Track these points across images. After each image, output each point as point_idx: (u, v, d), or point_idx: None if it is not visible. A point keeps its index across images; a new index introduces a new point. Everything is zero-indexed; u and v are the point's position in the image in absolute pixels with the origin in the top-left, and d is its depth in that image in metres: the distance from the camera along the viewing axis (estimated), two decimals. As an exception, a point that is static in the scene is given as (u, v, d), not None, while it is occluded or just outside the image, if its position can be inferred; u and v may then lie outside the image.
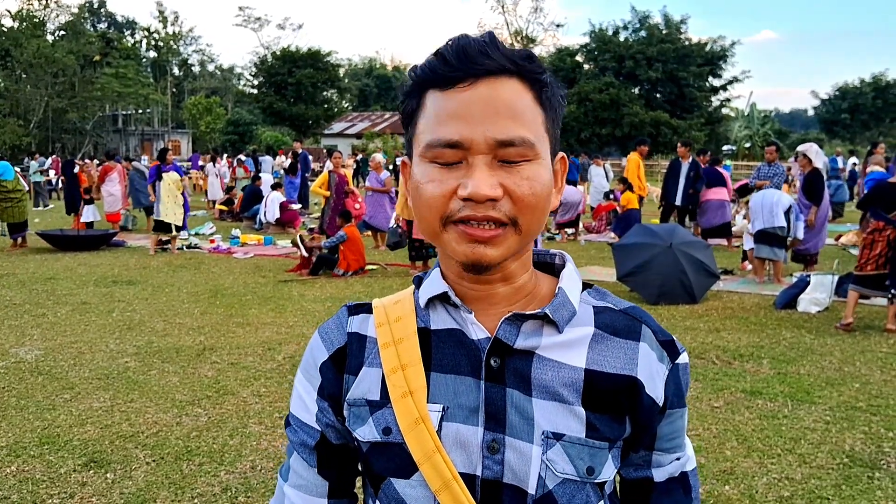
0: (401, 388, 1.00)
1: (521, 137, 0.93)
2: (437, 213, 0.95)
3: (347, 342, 1.07)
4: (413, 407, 0.98)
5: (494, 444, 0.97)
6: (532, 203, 0.94)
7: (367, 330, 1.07)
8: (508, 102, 0.93)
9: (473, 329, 1.01)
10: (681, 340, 6.71)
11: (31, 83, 54.02)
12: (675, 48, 50.71)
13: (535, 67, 0.96)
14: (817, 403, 5.44)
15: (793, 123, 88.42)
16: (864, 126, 60.99)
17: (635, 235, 9.75)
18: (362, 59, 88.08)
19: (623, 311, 1.07)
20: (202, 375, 6.13)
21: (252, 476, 4.24)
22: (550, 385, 0.99)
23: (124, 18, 75.33)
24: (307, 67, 54.50)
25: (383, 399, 1.01)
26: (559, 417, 0.98)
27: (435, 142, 0.93)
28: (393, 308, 1.08)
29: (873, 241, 7.57)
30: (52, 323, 8.03)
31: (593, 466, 0.99)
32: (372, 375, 1.04)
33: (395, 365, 1.01)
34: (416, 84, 0.98)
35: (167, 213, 13.14)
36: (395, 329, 1.05)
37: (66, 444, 4.73)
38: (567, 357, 1.00)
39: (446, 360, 1.01)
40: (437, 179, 0.94)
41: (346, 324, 1.09)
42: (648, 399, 1.02)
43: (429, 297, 1.04)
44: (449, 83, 0.94)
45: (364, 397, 1.03)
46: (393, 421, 1.00)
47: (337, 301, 9.12)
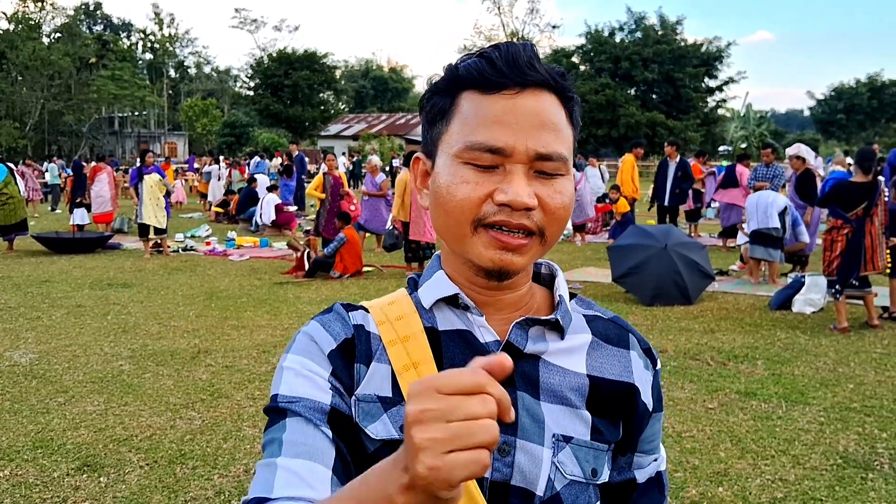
0: None
1: (558, 153, 0.95)
2: (469, 215, 0.95)
3: (354, 334, 1.03)
4: None
5: (505, 447, 0.98)
6: (561, 216, 0.97)
7: (369, 326, 1.04)
8: (550, 116, 0.96)
9: (482, 332, 1.01)
10: (675, 341, 6.76)
11: (27, 85, 53.95)
12: (670, 49, 50.79)
13: (569, 85, 0.99)
14: (811, 404, 5.45)
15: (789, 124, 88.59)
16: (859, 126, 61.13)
17: (630, 237, 9.76)
18: (359, 60, 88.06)
19: (611, 320, 1.11)
20: (196, 378, 6.12)
21: (246, 480, 4.24)
22: (558, 389, 1.01)
23: (120, 20, 75.25)
24: (303, 69, 54.47)
25: (396, 396, 0.99)
26: (567, 421, 1.01)
27: (476, 144, 0.94)
28: (390, 308, 1.06)
29: (832, 240, 7.61)
30: (46, 326, 8.02)
31: (597, 468, 1.02)
32: (382, 371, 1.01)
33: (407, 362, 1.00)
34: (453, 82, 0.98)
35: (149, 216, 13.12)
36: (398, 327, 1.03)
37: (59, 447, 4.72)
38: (569, 363, 1.03)
39: (458, 360, 1.00)
40: (473, 182, 0.94)
41: (348, 318, 1.05)
42: (642, 404, 1.07)
43: (437, 299, 1.04)
44: (494, 88, 0.95)
45: (376, 393, 1.00)
46: None
47: (332, 303, 9.10)
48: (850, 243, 7.50)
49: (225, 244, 14.65)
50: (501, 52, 0.95)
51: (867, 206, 7.50)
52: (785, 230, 10.05)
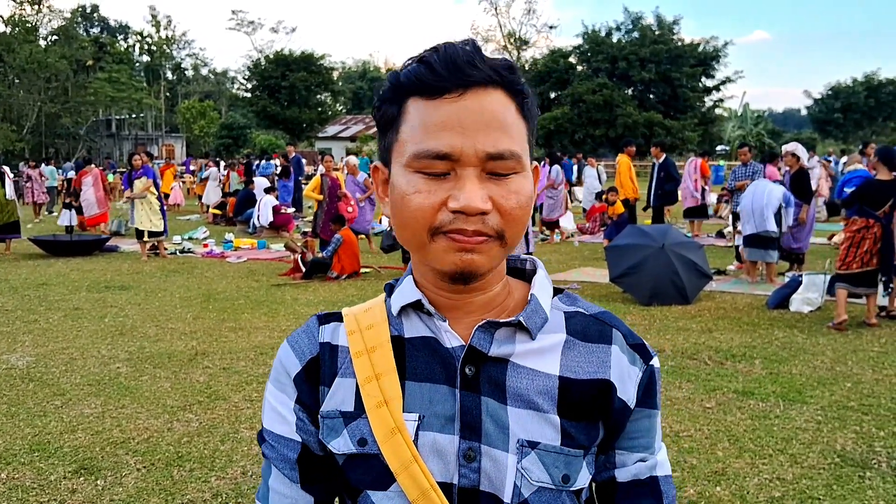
0: (375, 397, 0.98)
1: (510, 150, 0.93)
2: (424, 224, 0.93)
3: (319, 353, 1.04)
4: (389, 417, 0.97)
5: (470, 453, 0.96)
6: (518, 216, 0.94)
7: (339, 339, 1.05)
8: (497, 114, 0.93)
9: (447, 337, 1.00)
10: (673, 341, 6.74)
11: (24, 88, 53.88)
12: (667, 49, 50.80)
13: (516, 79, 0.96)
14: (809, 403, 5.45)
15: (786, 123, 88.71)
16: (856, 125, 61.18)
17: (628, 237, 9.76)
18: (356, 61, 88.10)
19: (593, 316, 1.07)
20: (194, 381, 6.12)
21: (243, 482, 4.23)
22: (525, 393, 0.98)
23: (117, 23, 75.24)
24: (301, 71, 54.44)
25: (357, 410, 0.99)
26: (534, 426, 0.98)
27: (424, 152, 0.92)
28: (364, 316, 1.06)
29: (862, 238, 7.60)
30: (43, 329, 8.01)
31: (569, 474, 0.99)
32: (346, 386, 1.01)
33: (370, 374, 0.99)
34: (398, 90, 0.96)
35: (141, 220, 13.09)
36: (367, 337, 1.02)
37: (56, 450, 4.71)
38: (540, 364, 1.00)
39: (420, 368, 0.99)
40: (425, 190, 0.93)
41: (317, 333, 1.06)
42: (619, 402, 1.02)
43: (402, 305, 1.02)
44: (436, 92, 0.92)
45: (338, 409, 1.01)
46: (368, 431, 0.98)
47: (330, 305, 9.11)
48: (883, 239, 7.53)
49: (222, 246, 14.64)
50: (440, 54, 0.93)
51: (893, 202, 7.52)
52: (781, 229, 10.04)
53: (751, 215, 10.03)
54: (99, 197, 17.09)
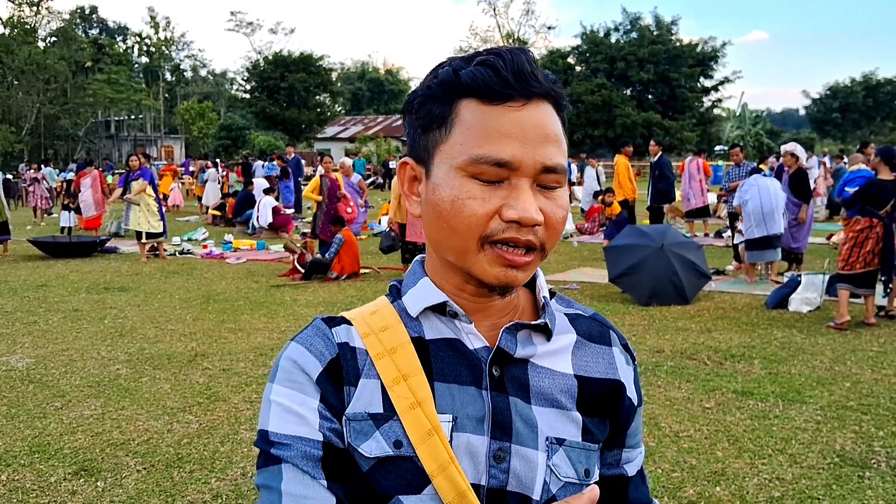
0: (407, 399, 0.97)
1: (561, 165, 0.95)
2: (476, 232, 0.93)
3: (340, 353, 1.00)
4: (424, 418, 0.96)
5: (500, 453, 0.97)
6: (560, 229, 0.98)
7: (354, 341, 1.01)
8: (553, 128, 0.95)
9: (470, 339, 1.00)
10: (672, 341, 6.76)
11: (23, 90, 53.86)
12: (666, 49, 50.82)
13: (562, 93, 0.98)
14: (808, 403, 5.45)
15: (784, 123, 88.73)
16: (855, 125, 61.26)
17: (627, 237, 9.77)
18: (355, 62, 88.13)
19: (591, 318, 1.11)
20: (194, 382, 6.12)
21: (243, 483, 4.23)
22: (548, 392, 1.01)
23: (116, 24, 75.28)
24: (300, 72, 54.43)
25: (388, 411, 0.97)
26: (559, 423, 1.01)
27: (483, 157, 0.92)
28: (373, 319, 1.04)
29: (866, 238, 7.61)
30: (43, 330, 8.01)
31: (589, 468, 1.03)
32: (371, 387, 0.98)
33: (396, 375, 0.98)
34: (452, 89, 0.95)
35: (139, 222, 13.07)
36: (384, 339, 1.01)
37: (56, 452, 4.72)
38: (556, 364, 1.03)
39: (447, 369, 0.99)
40: (480, 197, 0.92)
41: (331, 335, 1.02)
42: (628, 400, 1.08)
43: (424, 307, 1.02)
44: (499, 98, 0.93)
45: (366, 411, 0.97)
46: (403, 434, 0.96)
47: (329, 306, 9.12)
48: (886, 240, 7.55)
49: (222, 247, 14.65)
50: (506, 60, 0.93)
51: (895, 202, 7.54)
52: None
53: (761, 219, 9.94)
54: (97, 199, 17.06)
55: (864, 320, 7.82)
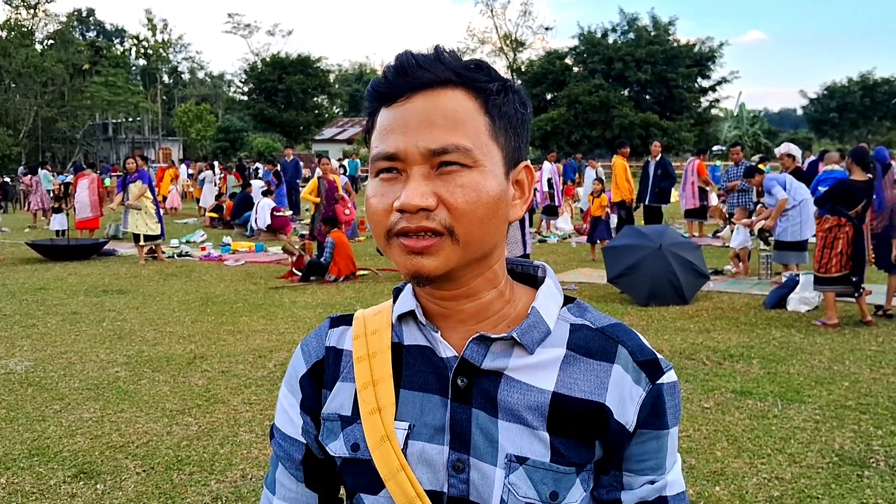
0: (370, 404, 1.00)
1: (454, 144, 0.91)
2: (381, 228, 0.94)
3: (324, 356, 1.07)
4: (380, 424, 0.99)
5: (459, 464, 0.96)
6: (468, 211, 0.91)
7: (345, 343, 1.07)
8: (445, 112, 0.92)
9: (442, 347, 0.99)
10: (671, 341, 6.73)
11: (21, 93, 53.81)
12: (663, 50, 50.88)
13: (479, 76, 0.95)
14: (807, 402, 5.46)
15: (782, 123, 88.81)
16: (852, 125, 61.32)
17: (625, 237, 9.78)
18: (352, 64, 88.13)
19: (600, 330, 1.02)
20: (193, 384, 6.12)
21: (243, 485, 4.23)
22: (515, 408, 0.97)
23: (113, 27, 75.24)
24: (297, 73, 54.49)
25: (354, 415, 1.02)
26: (523, 441, 0.96)
27: (376, 155, 0.95)
28: (372, 320, 1.07)
29: (835, 237, 7.63)
30: (42, 333, 8.00)
31: (557, 491, 0.96)
32: (346, 390, 1.04)
33: (367, 380, 1.01)
34: (370, 101, 0.99)
35: (137, 224, 13.06)
36: (370, 342, 1.04)
37: (55, 455, 4.72)
38: (536, 379, 0.98)
39: (415, 377, 1.00)
40: (380, 193, 0.94)
41: (325, 337, 1.09)
42: (617, 424, 0.98)
43: (399, 314, 1.04)
44: (392, 98, 0.95)
45: (337, 412, 1.04)
46: (361, 437, 1.00)
47: (328, 307, 9.11)
48: (856, 241, 7.55)
49: (220, 249, 14.64)
50: (394, 62, 0.96)
51: (866, 203, 7.56)
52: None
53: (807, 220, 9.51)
54: (93, 200, 17.02)
55: (862, 319, 7.83)
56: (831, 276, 7.66)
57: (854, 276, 7.63)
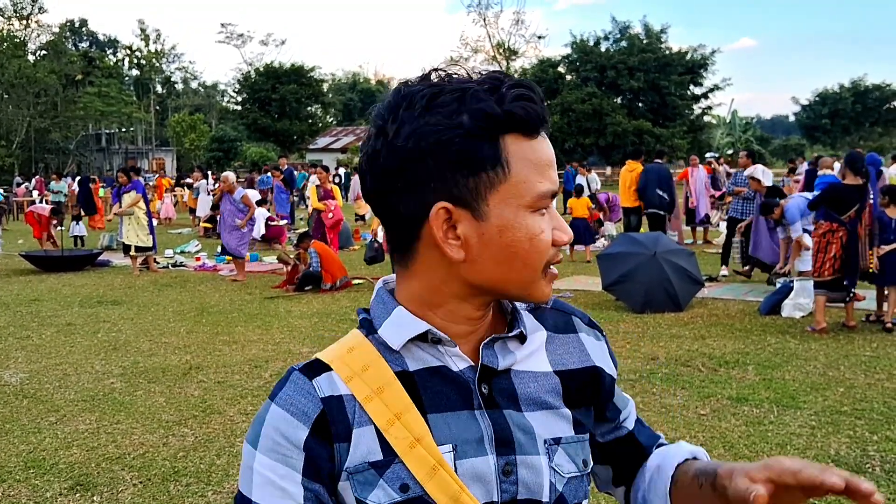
0: (405, 438, 0.94)
1: None
2: (543, 261, 0.96)
3: (324, 409, 0.94)
4: (426, 454, 0.94)
5: (508, 468, 0.97)
6: None
7: (339, 389, 0.96)
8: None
9: (454, 361, 0.99)
10: (667, 348, 6.76)
11: (13, 103, 53.79)
12: (656, 57, 51.05)
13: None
14: (802, 409, 5.47)
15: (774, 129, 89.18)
16: (844, 131, 61.54)
17: (620, 245, 9.81)
18: (346, 73, 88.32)
19: (553, 308, 1.11)
20: (189, 395, 6.11)
21: (240, 495, 4.22)
22: (536, 396, 1.02)
23: (106, 37, 75.18)
24: (291, 83, 54.46)
25: (388, 456, 0.94)
26: (552, 423, 1.03)
27: (545, 193, 0.94)
28: (351, 357, 0.99)
29: (828, 243, 7.66)
30: (36, 345, 7.98)
31: (586, 458, 1.06)
32: (367, 435, 0.95)
33: (390, 416, 0.94)
34: (496, 126, 0.91)
35: (128, 235, 13.05)
36: (367, 380, 0.97)
37: (51, 467, 4.70)
38: (537, 365, 1.04)
39: (436, 398, 0.97)
40: (546, 228, 0.95)
41: (313, 389, 0.95)
42: (609, 378, 1.12)
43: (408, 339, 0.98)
44: (535, 131, 0.94)
45: (366, 460, 0.94)
46: (408, 475, 0.93)
47: (323, 316, 9.11)
48: (849, 245, 7.58)
49: (215, 259, 14.61)
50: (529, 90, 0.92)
51: (859, 208, 7.59)
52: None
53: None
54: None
55: (845, 322, 7.88)
56: (825, 281, 7.69)
57: (845, 280, 7.66)
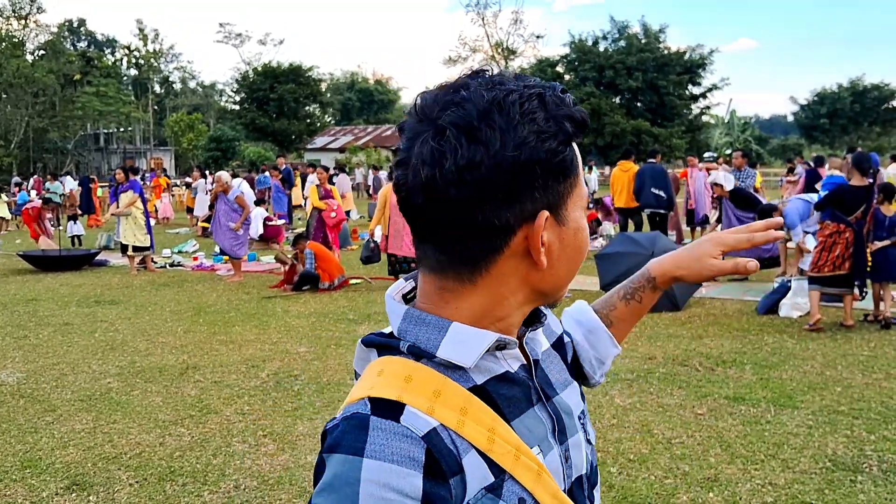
0: (508, 452, 0.91)
1: None
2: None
3: (429, 447, 0.85)
4: (528, 462, 0.92)
5: (566, 454, 1.00)
6: None
7: (428, 422, 0.87)
8: None
9: (510, 363, 0.98)
10: (664, 348, 6.76)
11: (12, 103, 53.78)
12: (654, 57, 51.03)
13: None
14: (800, 408, 5.47)
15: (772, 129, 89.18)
16: (842, 130, 61.53)
17: (618, 245, 9.81)
18: (344, 73, 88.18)
19: None
20: (185, 394, 6.10)
21: (236, 495, 4.22)
22: (559, 374, 1.07)
23: (104, 37, 75.15)
24: (289, 82, 54.39)
25: (498, 475, 0.89)
26: (575, 397, 1.08)
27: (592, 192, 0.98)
28: (416, 387, 0.90)
29: (833, 243, 7.67)
30: (33, 345, 7.97)
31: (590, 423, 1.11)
32: (474, 459, 0.88)
33: (487, 434, 0.90)
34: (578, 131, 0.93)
35: (125, 235, 13.03)
36: (447, 404, 0.90)
37: (48, 467, 4.70)
38: (544, 346, 1.08)
39: (511, 404, 0.96)
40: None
41: (408, 430, 0.85)
42: (568, 341, 1.18)
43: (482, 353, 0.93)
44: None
45: (481, 487, 0.88)
46: (520, 488, 0.91)
47: (321, 316, 9.09)
48: (856, 245, 7.60)
49: (212, 259, 14.60)
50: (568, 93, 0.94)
51: (865, 208, 7.59)
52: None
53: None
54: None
55: (843, 322, 7.88)
56: (822, 276, 7.70)
57: (857, 280, 7.68)
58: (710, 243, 1.27)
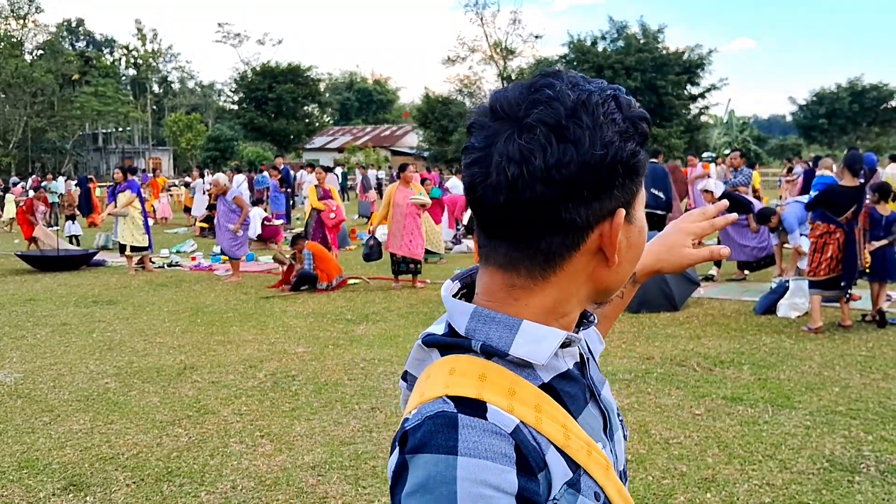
0: (582, 448, 0.92)
1: None
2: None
3: (517, 443, 0.85)
4: (598, 457, 0.93)
5: (614, 450, 1.02)
6: None
7: (512, 420, 0.87)
8: None
9: (567, 361, 0.98)
10: (662, 348, 6.77)
11: (10, 103, 53.76)
12: (652, 57, 51.07)
13: None
14: (797, 408, 5.47)
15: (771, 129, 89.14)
16: (841, 130, 61.54)
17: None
18: (343, 73, 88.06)
19: None
20: (183, 395, 6.09)
21: (233, 496, 4.22)
22: (597, 373, 1.07)
23: (103, 37, 75.08)
24: (287, 82, 54.39)
25: (576, 471, 0.90)
26: (611, 392, 1.08)
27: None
28: (491, 385, 0.90)
29: (825, 243, 7.68)
30: (31, 345, 7.96)
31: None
32: (554, 456, 0.89)
33: (563, 431, 0.91)
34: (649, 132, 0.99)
35: (123, 235, 13.03)
36: (523, 402, 0.90)
37: (45, 467, 4.69)
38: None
39: (574, 401, 0.96)
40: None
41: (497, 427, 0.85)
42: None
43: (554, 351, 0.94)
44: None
45: (563, 482, 0.89)
46: (594, 483, 0.92)
47: (319, 316, 9.09)
48: (847, 246, 7.59)
49: (210, 259, 14.59)
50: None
51: (856, 209, 7.60)
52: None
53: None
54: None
55: (841, 322, 7.89)
56: (820, 280, 7.71)
57: (843, 281, 7.67)
58: (679, 234, 1.34)
